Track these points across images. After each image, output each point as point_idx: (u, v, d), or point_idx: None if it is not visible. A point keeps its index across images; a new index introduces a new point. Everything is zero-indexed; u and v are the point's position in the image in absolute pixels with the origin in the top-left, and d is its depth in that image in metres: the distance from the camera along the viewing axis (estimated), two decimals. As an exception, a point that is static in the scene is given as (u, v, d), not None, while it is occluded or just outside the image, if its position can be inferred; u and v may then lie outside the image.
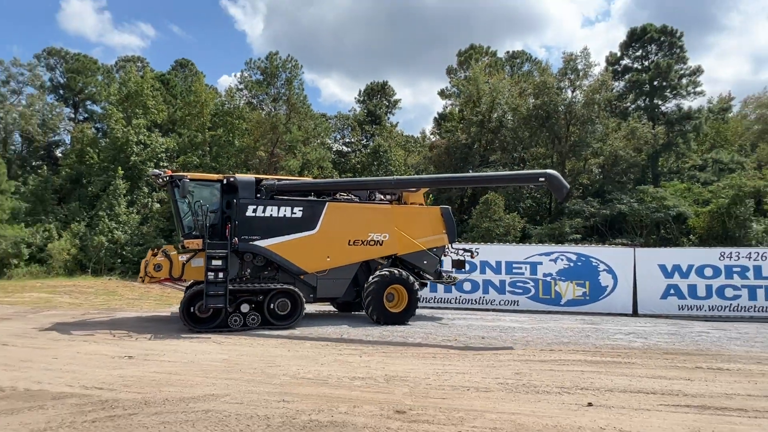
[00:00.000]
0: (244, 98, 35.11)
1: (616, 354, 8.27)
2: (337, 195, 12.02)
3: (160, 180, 10.76)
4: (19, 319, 11.27)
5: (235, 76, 65.43)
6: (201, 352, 7.80)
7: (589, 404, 5.33)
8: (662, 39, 32.04)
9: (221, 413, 4.79)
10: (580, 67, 28.80)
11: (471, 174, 13.77)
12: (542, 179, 10.45)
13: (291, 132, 32.77)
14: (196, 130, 32.44)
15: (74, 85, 42.07)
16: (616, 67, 33.45)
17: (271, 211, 10.86)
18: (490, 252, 15.28)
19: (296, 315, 10.53)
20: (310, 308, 13.54)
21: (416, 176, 12.40)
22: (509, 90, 30.82)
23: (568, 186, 10.68)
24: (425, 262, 12.04)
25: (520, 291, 14.81)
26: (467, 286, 15.03)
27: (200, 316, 10.05)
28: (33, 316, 11.73)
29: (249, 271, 10.78)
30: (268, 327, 10.23)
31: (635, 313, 14.17)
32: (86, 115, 43.30)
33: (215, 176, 11.36)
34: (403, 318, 11.25)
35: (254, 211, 10.72)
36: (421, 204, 12.72)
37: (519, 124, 29.67)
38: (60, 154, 38.84)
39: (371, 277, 11.18)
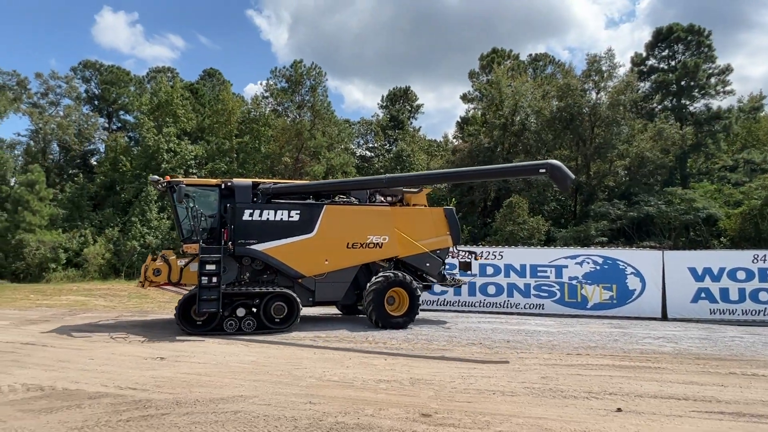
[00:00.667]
0: (270, 106, 35.78)
1: (646, 359, 8.11)
2: (337, 198, 11.82)
3: (160, 186, 10.98)
4: (57, 320, 11.68)
5: (260, 84, 66.56)
6: (230, 354, 7.97)
7: (618, 410, 5.26)
8: (689, 38, 31.34)
9: (250, 414, 4.90)
10: (604, 68, 28.38)
11: (468, 168, 13.01)
12: (543, 170, 9.82)
13: (315, 138, 33.19)
14: (224, 137, 33.14)
15: (108, 95, 43.54)
16: (642, 67, 32.84)
17: (268, 214, 10.82)
18: (514, 255, 15.15)
19: (292, 319, 10.44)
20: (318, 311, 13.69)
21: (410, 173, 11.78)
22: (532, 93, 30.58)
23: (573, 176, 9.96)
24: (428, 264, 11.78)
25: (546, 294, 14.64)
26: (491, 289, 14.93)
27: (196, 319, 10.08)
28: (70, 318, 12.15)
29: (248, 275, 10.80)
30: (264, 331, 10.14)
31: (664, 317, 13.84)
32: (119, 125, 44.73)
33: (213, 181, 11.46)
34: (404, 322, 11.00)
35: (250, 215, 10.71)
36: (424, 205, 12.44)
37: (542, 127, 29.40)
38: (95, 163, 40.21)
39: (372, 279, 10.97)
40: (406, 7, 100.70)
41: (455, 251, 12.72)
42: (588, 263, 14.50)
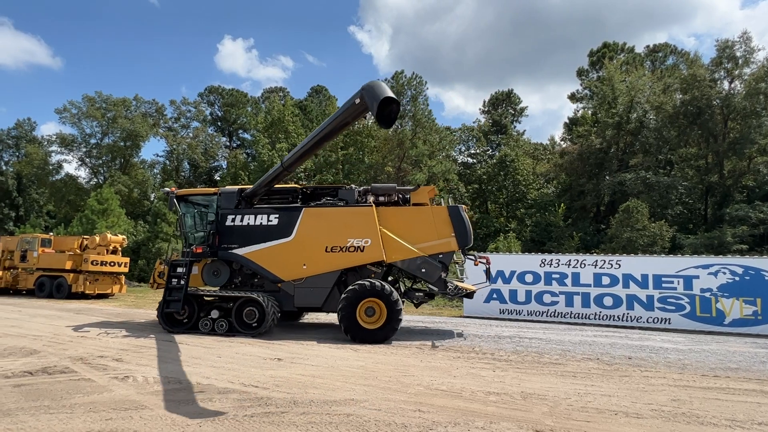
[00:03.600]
0: (372, 117, 36.83)
1: (803, 386, 6.99)
2: (324, 200, 11.42)
3: (169, 197, 11.92)
4: (189, 322, 13.01)
5: (363, 96, 69.04)
6: (340, 358, 8.27)
7: (769, 442, 4.59)
8: None
9: (361, 418, 5.03)
10: (738, 54, 25.30)
11: (309, 136, 11.14)
12: (358, 100, 8.45)
13: (417, 147, 33.57)
14: (330, 150, 34.80)
15: (229, 116, 48.16)
16: (788, 48, 28.67)
17: (249, 219, 11.16)
18: (634, 264, 13.96)
19: (263, 324, 10.39)
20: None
21: (296, 147, 10.42)
22: (650, 87, 28.17)
23: (383, 95, 7.85)
24: (423, 270, 10.51)
25: (673, 308, 13.27)
26: (608, 301, 13.89)
27: (179, 318, 10.86)
28: (200, 320, 13.45)
29: (240, 278, 11.32)
30: (236, 334, 10.43)
31: (827, 339, 11.85)
32: (239, 143, 49.19)
33: (212, 190, 12.12)
34: (380, 336, 10.00)
35: (233, 220, 11.21)
36: (425, 204, 11.09)
37: (664, 124, 26.93)
38: (218, 178, 44.55)
39: (345, 290, 10.33)
40: (506, 8, 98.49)
41: (482, 257, 12.02)
42: (724, 273, 12.91)
